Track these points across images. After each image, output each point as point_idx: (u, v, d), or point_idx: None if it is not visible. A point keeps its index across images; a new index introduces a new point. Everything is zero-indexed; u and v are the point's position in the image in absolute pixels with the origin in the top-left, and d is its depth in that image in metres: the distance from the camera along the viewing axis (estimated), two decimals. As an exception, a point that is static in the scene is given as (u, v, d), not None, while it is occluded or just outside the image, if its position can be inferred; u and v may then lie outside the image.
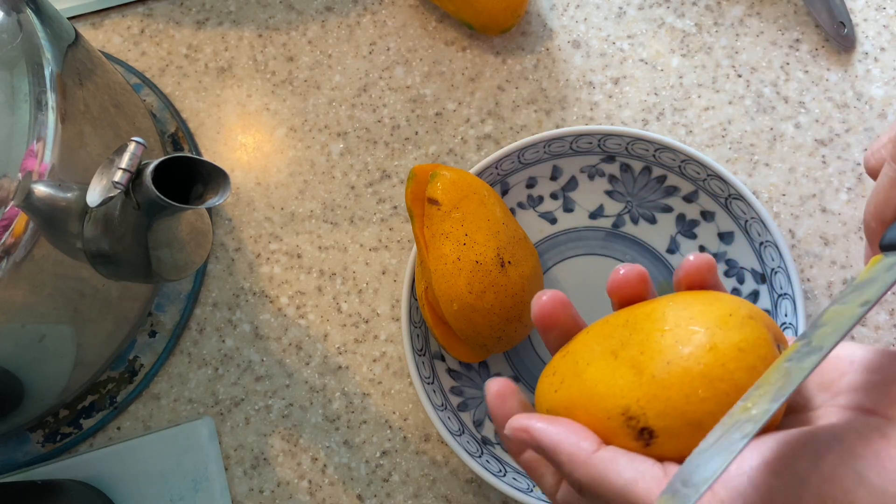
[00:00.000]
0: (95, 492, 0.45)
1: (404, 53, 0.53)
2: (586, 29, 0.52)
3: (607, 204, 0.48)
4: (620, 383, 0.26)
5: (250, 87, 0.53)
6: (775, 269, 0.44)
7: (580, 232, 0.48)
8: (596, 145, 0.46)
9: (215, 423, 0.47)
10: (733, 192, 0.44)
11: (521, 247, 0.42)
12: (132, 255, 0.35)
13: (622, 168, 0.47)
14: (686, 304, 0.27)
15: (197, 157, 0.31)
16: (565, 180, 0.48)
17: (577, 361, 0.28)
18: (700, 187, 0.46)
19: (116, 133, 0.43)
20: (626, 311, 0.29)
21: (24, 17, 0.37)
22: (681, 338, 0.26)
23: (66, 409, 0.48)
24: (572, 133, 0.46)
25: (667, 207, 0.47)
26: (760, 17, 0.52)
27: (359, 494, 0.46)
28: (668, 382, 0.25)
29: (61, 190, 0.35)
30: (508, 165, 0.47)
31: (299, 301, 0.49)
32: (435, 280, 0.41)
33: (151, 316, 0.49)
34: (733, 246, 0.46)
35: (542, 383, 0.30)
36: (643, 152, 0.46)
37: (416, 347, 0.44)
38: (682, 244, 0.47)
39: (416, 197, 0.43)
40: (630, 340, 0.27)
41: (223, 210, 0.51)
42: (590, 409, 0.27)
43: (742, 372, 0.25)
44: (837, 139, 0.49)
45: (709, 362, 0.25)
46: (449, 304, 0.41)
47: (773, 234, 0.43)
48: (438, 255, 0.41)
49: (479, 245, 0.41)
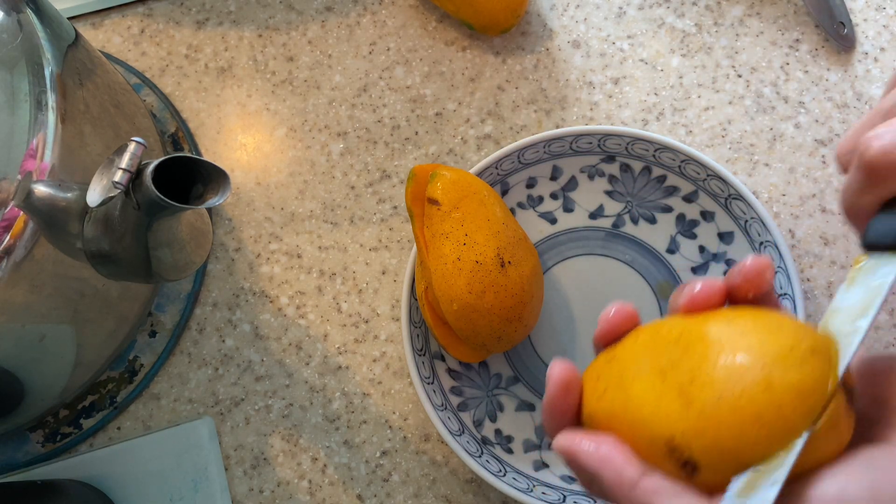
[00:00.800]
0: (95, 492, 0.45)
1: (404, 53, 0.53)
2: (586, 29, 0.52)
3: (607, 204, 0.48)
4: (667, 410, 0.25)
5: (250, 87, 0.53)
6: (775, 269, 0.44)
7: (580, 232, 0.48)
8: (596, 145, 0.46)
9: (215, 423, 0.47)
10: (733, 192, 0.44)
11: (522, 247, 0.42)
12: (132, 255, 0.35)
13: (622, 168, 0.47)
14: (745, 329, 0.25)
15: (197, 157, 0.31)
16: (565, 180, 0.48)
17: (624, 373, 0.27)
18: (700, 187, 0.46)
19: (116, 133, 0.43)
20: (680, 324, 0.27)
21: (24, 17, 0.37)
22: (735, 372, 0.24)
23: (66, 409, 0.48)
24: (572, 133, 0.46)
25: (667, 207, 0.47)
26: (760, 17, 0.52)
27: (359, 494, 0.46)
28: (718, 419, 0.23)
29: (61, 190, 0.35)
30: (508, 165, 0.47)
31: (299, 301, 0.49)
32: (435, 280, 0.41)
33: (151, 316, 0.49)
34: (733, 246, 0.46)
35: (585, 385, 0.29)
36: (643, 152, 0.46)
37: (416, 347, 0.44)
38: (682, 244, 0.47)
39: (416, 197, 0.43)
40: (681, 363, 0.25)
41: (223, 210, 0.51)
42: (633, 428, 0.26)
43: (798, 416, 0.23)
44: (837, 139, 0.49)
45: (763, 403, 0.23)
46: (449, 304, 0.41)
47: (773, 234, 0.43)
48: (438, 255, 0.41)
49: (479, 245, 0.41)
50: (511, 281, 0.41)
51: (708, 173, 0.45)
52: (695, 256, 0.47)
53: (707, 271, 0.46)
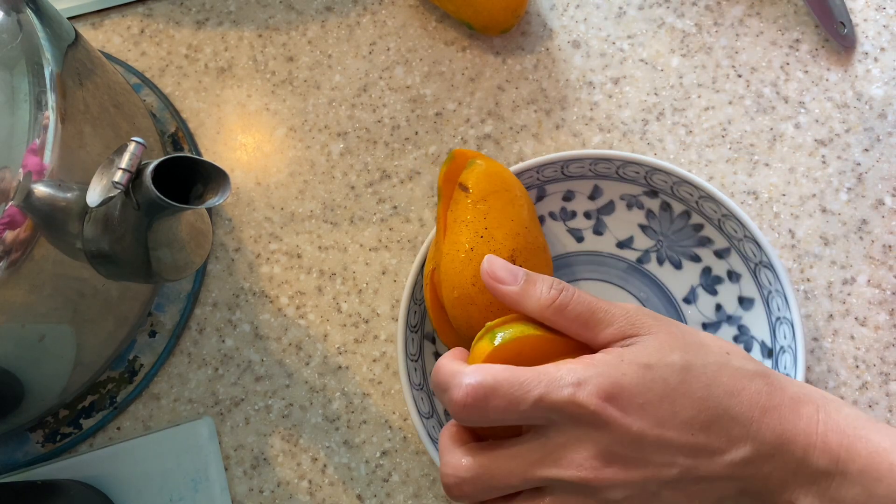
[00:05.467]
0: (95, 492, 0.45)
1: (404, 53, 0.53)
2: (586, 29, 0.52)
3: (638, 237, 0.47)
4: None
5: (250, 87, 0.53)
6: (784, 347, 0.43)
7: (603, 258, 0.47)
8: (642, 176, 0.45)
9: (215, 423, 0.47)
10: (765, 260, 0.43)
11: (538, 256, 0.42)
12: (132, 255, 0.35)
13: (662, 206, 0.46)
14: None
15: (197, 157, 0.31)
16: (603, 202, 0.47)
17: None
18: (734, 246, 0.45)
19: (116, 133, 0.43)
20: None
21: (24, 17, 0.37)
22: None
23: (66, 409, 0.48)
24: (621, 158, 0.45)
25: (696, 257, 0.46)
26: (760, 17, 0.52)
27: (359, 494, 0.46)
28: None
29: (61, 190, 0.35)
30: (550, 173, 0.46)
31: (299, 301, 0.49)
32: (444, 264, 0.41)
33: (151, 316, 0.49)
34: (750, 314, 0.45)
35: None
36: (687, 196, 0.45)
37: (410, 323, 0.44)
38: (701, 297, 0.46)
39: (449, 179, 0.43)
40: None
41: (223, 210, 0.51)
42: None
43: None
44: (837, 139, 0.49)
45: None
46: (450, 291, 0.41)
47: (792, 312, 0.42)
48: (454, 240, 0.41)
49: (495, 241, 0.40)
50: None
51: (745, 234, 0.44)
52: (710, 313, 0.46)
53: (717, 330, 0.45)
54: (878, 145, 0.48)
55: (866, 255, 0.47)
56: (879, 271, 0.47)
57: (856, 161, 0.48)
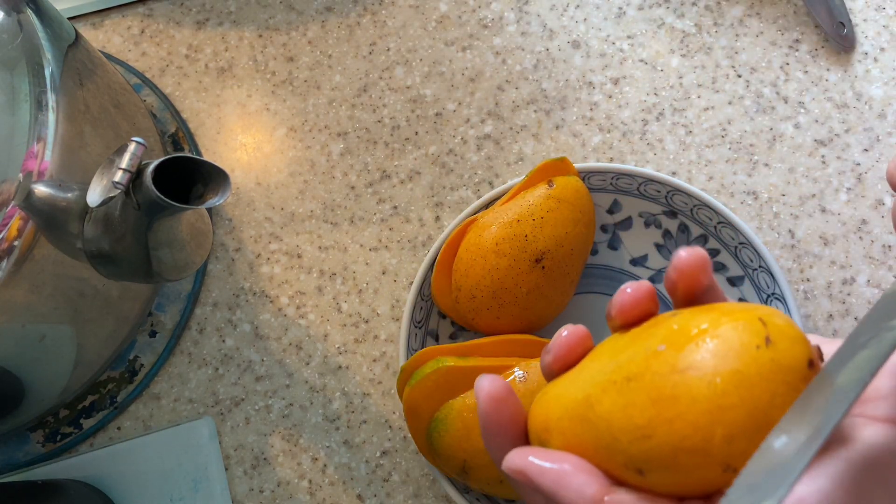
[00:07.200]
0: (95, 492, 0.45)
1: (404, 53, 0.53)
2: (586, 29, 0.52)
3: (653, 256, 0.47)
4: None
5: (250, 87, 0.53)
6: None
7: (615, 272, 0.47)
8: (663, 195, 0.45)
9: (215, 423, 0.47)
10: (777, 292, 0.43)
11: (566, 273, 0.43)
12: (132, 255, 0.35)
13: (680, 228, 0.46)
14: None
15: (197, 157, 0.31)
16: (621, 218, 0.47)
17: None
18: (748, 275, 0.45)
19: (116, 133, 0.43)
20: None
21: (24, 17, 0.37)
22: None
23: (66, 409, 0.48)
24: (643, 175, 0.44)
25: None
26: (760, 18, 0.52)
27: (359, 494, 0.46)
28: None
29: (61, 190, 0.35)
30: None
31: (299, 301, 0.49)
32: (478, 225, 0.43)
33: (151, 316, 0.49)
34: None
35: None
36: (706, 220, 0.45)
37: (412, 347, 0.44)
38: None
39: (541, 172, 0.44)
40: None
41: (223, 210, 0.51)
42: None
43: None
44: (837, 139, 0.49)
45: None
46: (468, 245, 0.43)
47: None
48: (504, 210, 0.43)
49: (542, 234, 0.42)
50: (529, 276, 0.42)
51: (760, 264, 0.43)
52: None
53: None
54: (878, 145, 0.48)
55: (866, 255, 0.47)
56: (879, 271, 0.47)
57: (855, 161, 0.48)
